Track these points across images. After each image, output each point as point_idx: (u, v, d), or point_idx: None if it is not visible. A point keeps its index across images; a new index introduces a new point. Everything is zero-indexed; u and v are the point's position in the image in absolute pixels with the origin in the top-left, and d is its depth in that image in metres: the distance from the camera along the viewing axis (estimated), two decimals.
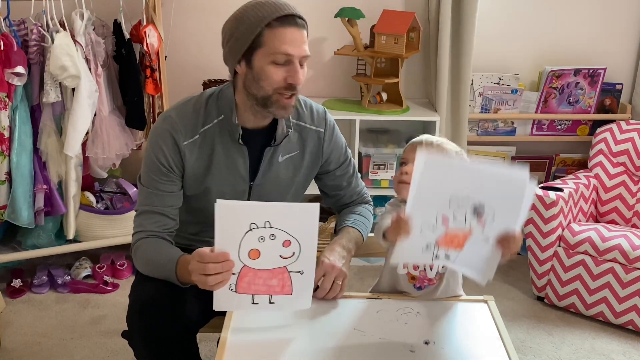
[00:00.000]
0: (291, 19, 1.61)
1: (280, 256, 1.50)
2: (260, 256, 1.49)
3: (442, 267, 1.73)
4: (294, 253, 1.50)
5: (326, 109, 1.90)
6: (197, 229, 1.90)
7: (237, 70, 1.69)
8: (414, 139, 1.77)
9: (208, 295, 1.77)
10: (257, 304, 1.53)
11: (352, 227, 1.88)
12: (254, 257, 1.49)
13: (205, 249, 1.49)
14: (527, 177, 1.43)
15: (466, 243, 1.49)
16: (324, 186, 1.97)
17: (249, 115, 1.74)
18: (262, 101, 1.68)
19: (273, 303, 1.54)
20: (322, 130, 1.86)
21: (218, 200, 1.44)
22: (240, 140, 1.73)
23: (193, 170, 1.75)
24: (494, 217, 1.47)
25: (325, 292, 1.67)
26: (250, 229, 1.46)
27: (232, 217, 1.46)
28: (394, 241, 1.52)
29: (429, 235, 1.49)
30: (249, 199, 1.82)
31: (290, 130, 1.79)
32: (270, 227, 1.46)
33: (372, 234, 1.90)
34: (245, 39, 1.62)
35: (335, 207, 2.04)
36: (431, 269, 1.73)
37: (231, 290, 1.51)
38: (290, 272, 1.52)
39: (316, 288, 1.66)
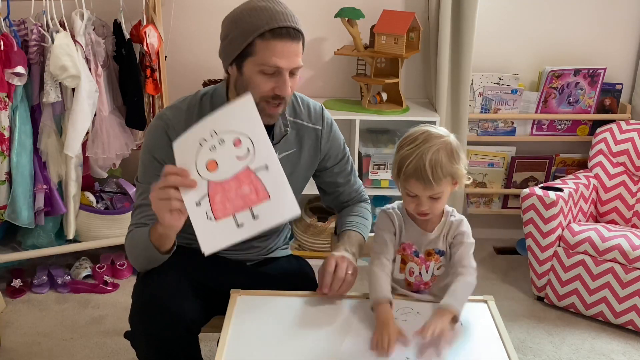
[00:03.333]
0: (285, 31, 1.59)
1: (237, 157, 1.49)
2: (218, 166, 1.48)
3: (437, 269, 1.74)
4: (248, 149, 1.49)
5: (323, 106, 1.89)
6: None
7: (229, 72, 1.70)
8: (406, 164, 1.62)
9: (210, 295, 1.78)
10: (242, 225, 1.46)
11: (353, 230, 1.87)
12: (212, 169, 1.48)
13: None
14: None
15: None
16: (322, 183, 1.97)
17: None
18: None
19: (257, 217, 1.46)
20: (320, 127, 1.85)
21: (174, 142, 1.51)
22: None
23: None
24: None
25: (341, 281, 1.65)
26: (200, 145, 1.48)
27: (185, 146, 1.49)
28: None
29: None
30: None
31: (288, 129, 1.78)
32: (217, 134, 1.48)
33: (372, 234, 1.90)
34: (237, 45, 1.61)
35: (333, 205, 2.03)
36: (426, 272, 1.73)
37: (210, 219, 1.45)
38: (255, 170, 1.49)
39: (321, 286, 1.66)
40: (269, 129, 1.77)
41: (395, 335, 1.54)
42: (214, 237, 1.45)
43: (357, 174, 2.01)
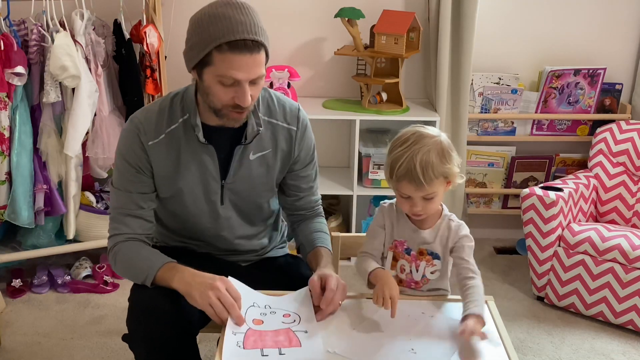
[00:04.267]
0: (242, 44, 1.55)
1: (283, 322, 1.59)
2: (264, 324, 1.58)
3: (431, 272, 1.73)
4: (294, 320, 1.59)
5: (301, 107, 1.87)
6: (185, 233, 1.91)
7: (192, 75, 1.68)
8: (397, 164, 1.62)
9: None
10: (266, 356, 1.49)
11: (324, 247, 1.87)
12: (257, 324, 1.57)
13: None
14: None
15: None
16: (284, 184, 1.92)
17: (211, 114, 1.72)
18: (213, 111, 1.68)
19: (283, 354, 1.50)
20: (295, 128, 1.83)
21: (229, 278, 1.62)
22: (204, 139, 1.72)
23: (162, 170, 1.75)
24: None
25: (335, 307, 1.64)
26: (253, 305, 1.62)
27: (240, 288, 1.62)
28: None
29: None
30: (222, 199, 1.81)
31: (261, 128, 1.76)
32: (270, 308, 1.63)
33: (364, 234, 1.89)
34: (196, 53, 1.60)
35: (287, 208, 1.97)
36: (417, 271, 1.73)
37: (239, 347, 1.50)
38: (295, 331, 1.56)
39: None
40: (242, 128, 1.75)
41: (396, 291, 1.59)
42: (238, 357, 1.49)
43: (318, 185, 1.98)
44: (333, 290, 1.62)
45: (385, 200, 1.80)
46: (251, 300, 1.63)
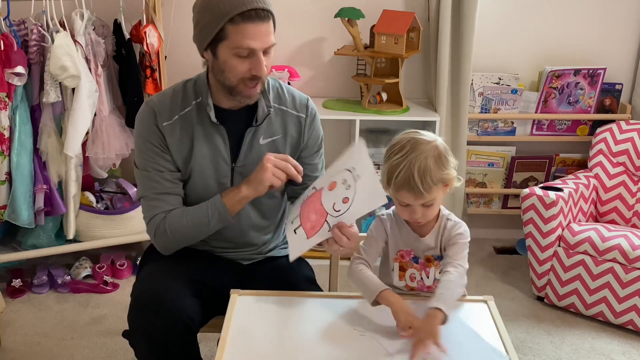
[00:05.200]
0: (254, 13, 1.62)
1: (334, 205, 1.63)
2: (334, 190, 1.64)
3: (440, 272, 1.73)
4: (340, 210, 1.63)
5: (310, 98, 1.91)
6: None
7: (205, 57, 1.73)
8: (396, 173, 1.64)
9: (209, 295, 1.78)
10: (296, 234, 1.71)
11: None
12: (330, 188, 1.65)
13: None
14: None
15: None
16: None
17: (222, 96, 1.77)
18: (228, 89, 1.72)
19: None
20: (304, 115, 1.87)
21: (358, 142, 1.66)
22: (216, 120, 1.75)
23: (177, 153, 1.78)
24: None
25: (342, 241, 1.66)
26: (348, 170, 1.63)
27: (355, 155, 1.64)
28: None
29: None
30: (232, 182, 1.83)
31: (272, 110, 1.80)
32: (354, 177, 1.62)
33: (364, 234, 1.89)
34: (209, 31, 1.65)
35: (295, 198, 1.96)
36: (427, 277, 1.73)
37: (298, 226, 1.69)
38: (325, 221, 1.63)
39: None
40: (253, 111, 1.79)
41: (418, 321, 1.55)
42: (300, 245, 1.70)
43: None
44: (355, 231, 1.68)
45: (383, 212, 1.79)
46: (352, 165, 1.64)
